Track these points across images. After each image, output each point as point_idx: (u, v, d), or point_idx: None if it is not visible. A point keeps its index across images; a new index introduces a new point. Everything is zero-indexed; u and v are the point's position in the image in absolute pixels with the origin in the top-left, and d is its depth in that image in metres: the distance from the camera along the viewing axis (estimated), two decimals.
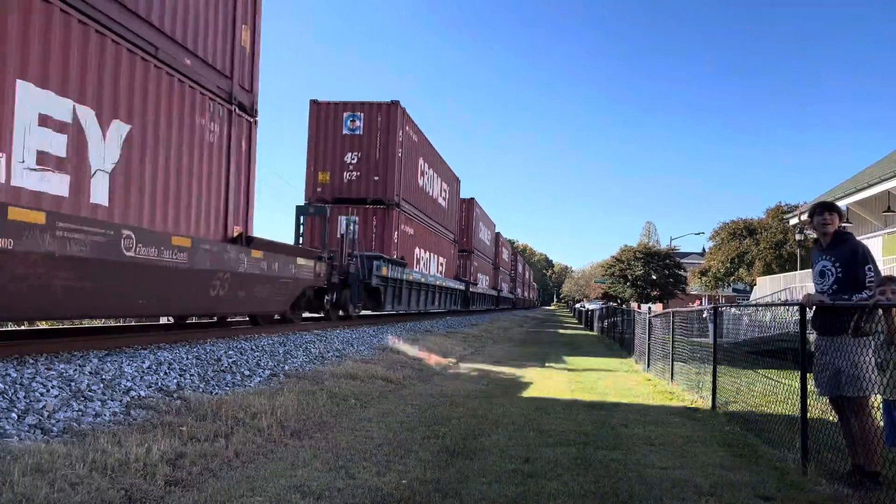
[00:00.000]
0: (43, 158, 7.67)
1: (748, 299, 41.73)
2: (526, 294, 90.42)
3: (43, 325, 16.28)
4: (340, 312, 18.62)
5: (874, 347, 5.01)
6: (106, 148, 8.69)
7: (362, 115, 22.64)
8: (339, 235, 18.93)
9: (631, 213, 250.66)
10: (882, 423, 5.12)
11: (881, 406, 5.04)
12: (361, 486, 4.97)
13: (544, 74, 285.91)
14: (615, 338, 25.13)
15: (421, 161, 26.42)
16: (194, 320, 14.62)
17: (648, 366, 14.98)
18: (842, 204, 23.48)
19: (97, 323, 15.03)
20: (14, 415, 5.47)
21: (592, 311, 40.91)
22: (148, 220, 9.52)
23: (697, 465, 6.06)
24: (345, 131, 22.53)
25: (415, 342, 15.88)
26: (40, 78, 7.62)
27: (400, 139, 22.95)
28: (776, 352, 7.21)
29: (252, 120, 12.88)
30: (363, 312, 20.80)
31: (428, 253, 28.32)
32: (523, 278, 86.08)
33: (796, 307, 6.22)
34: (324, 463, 5.61)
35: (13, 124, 7.29)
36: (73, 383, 6.57)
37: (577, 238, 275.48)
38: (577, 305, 77.02)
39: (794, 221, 32.04)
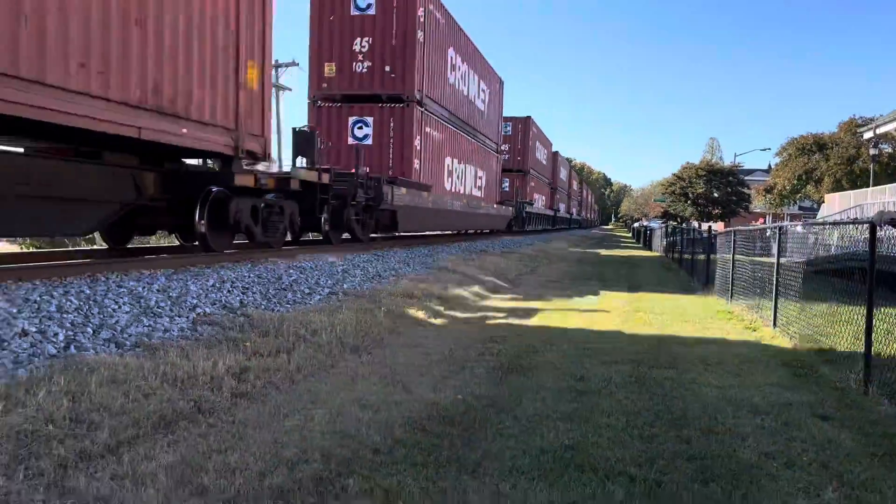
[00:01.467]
0: (480, 186, 27.76)
1: (815, 217, 40.38)
2: (588, 215, 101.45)
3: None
4: (511, 230, 36.06)
5: None
6: (484, 180, 28.25)
7: (510, 124, 39.77)
8: (504, 189, 36.75)
9: (694, 130, 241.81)
10: None
11: None
12: (418, 401, 5.11)
13: None
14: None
15: (538, 144, 46.59)
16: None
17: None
18: None
19: (163, 242, 15.60)
20: (90, 329, 5.76)
21: (645, 227, 53.84)
22: (485, 200, 28.51)
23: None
24: (537, 157, 45.41)
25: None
26: (463, 160, 24.80)
27: (531, 136, 42.52)
28: (842, 271, 6.99)
29: (500, 155, 32.61)
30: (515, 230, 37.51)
31: (539, 195, 47.42)
32: (587, 202, 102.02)
33: (866, 226, 5.99)
34: (382, 378, 5.78)
35: (445, 170, 21.89)
36: (142, 300, 6.86)
37: (638, 156, 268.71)
38: (636, 224, 75.89)
39: (868, 135, 30.47)
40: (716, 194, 53.26)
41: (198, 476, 3.54)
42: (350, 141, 17.73)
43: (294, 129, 14.40)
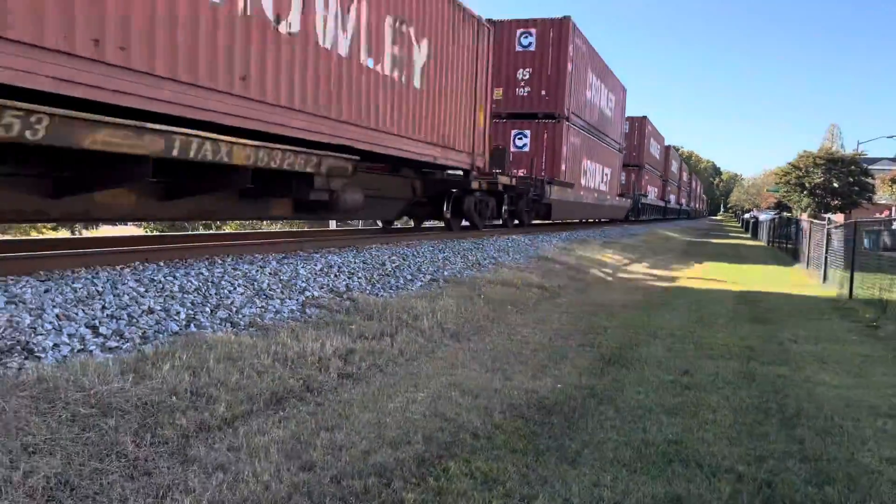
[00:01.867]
0: (605, 181, 31.05)
1: None
2: (697, 205, 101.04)
3: (228, 230, 17.82)
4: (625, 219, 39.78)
5: None
6: (609, 176, 31.74)
7: (628, 123, 40.27)
8: (622, 183, 38.71)
9: (812, 117, 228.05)
10: None
11: None
12: (517, 388, 5.13)
13: None
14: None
15: (653, 140, 48.65)
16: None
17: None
18: None
19: (275, 228, 16.28)
20: (208, 309, 6.10)
21: (755, 218, 54.14)
22: (609, 194, 32.19)
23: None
24: (651, 151, 48.66)
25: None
26: (594, 160, 28.24)
27: (646, 133, 45.17)
28: None
29: (621, 153, 35.14)
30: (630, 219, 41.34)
31: (652, 188, 50.20)
32: (696, 193, 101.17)
33: None
34: (481, 364, 5.84)
35: (582, 170, 26.10)
36: (255, 283, 7.20)
37: (749, 144, 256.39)
38: (746, 216, 72.58)
39: None
40: (835, 184, 50.19)
41: (306, 451, 3.70)
42: (511, 149, 21.87)
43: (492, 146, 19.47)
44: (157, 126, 6.50)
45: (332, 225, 18.61)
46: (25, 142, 5.38)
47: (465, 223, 16.46)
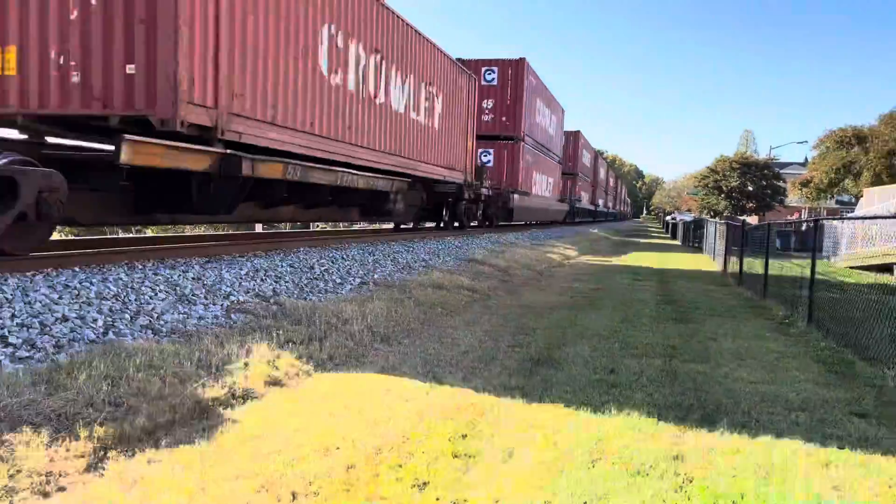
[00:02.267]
0: (549, 189, 35.91)
1: (853, 212, 39.59)
2: (622, 208, 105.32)
3: (150, 233, 17.26)
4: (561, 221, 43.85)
5: None
6: (551, 185, 36.38)
7: (564, 137, 42.77)
8: (561, 188, 42.18)
9: (729, 122, 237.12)
10: None
11: None
12: (448, 390, 5.14)
13: None
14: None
15: (585, 151, 53.44)
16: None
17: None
18: None
19: (199, 231, 15.84)
20: (127, 316, 5.87)
21: (674, 220, 57.14)
22: (552, 199, 37.11)
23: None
24: (583, 161, 52.69)
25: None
26: (541, 172, 32.91)
27: (580, 145, 49.67)
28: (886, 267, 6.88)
29: (560, 164, 39.49)
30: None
31: (584, 193, 54.75)
32: (621, 196, 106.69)
33: None
34: (412, 367, 5.82)
35: (533, 181, 30.88)
36: (178, 288, 6.98)
37: (670, 148, 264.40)
38: (668, 218, 75.05)
39: None
40: (750, 188, 52.44)
41: (232, 461, 3.60)
42: (478, 163, 24.93)
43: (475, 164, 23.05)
44: (331, 167, 11.42)
45: (258, 228, 18.26)
46: (292, 179, 10.13)
47: (452, 224, 20.72)
